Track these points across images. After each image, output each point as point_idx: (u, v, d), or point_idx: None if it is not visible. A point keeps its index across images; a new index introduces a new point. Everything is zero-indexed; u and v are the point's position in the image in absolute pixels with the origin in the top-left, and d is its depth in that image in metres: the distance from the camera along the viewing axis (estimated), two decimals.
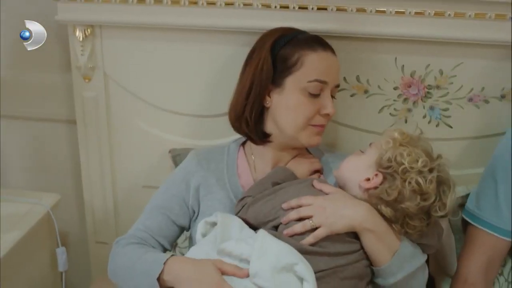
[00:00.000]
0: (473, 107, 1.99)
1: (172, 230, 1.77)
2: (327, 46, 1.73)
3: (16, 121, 2.35)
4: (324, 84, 1.68)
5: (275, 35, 1.74)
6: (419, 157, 1.54)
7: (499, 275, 1.85)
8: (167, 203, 1.78)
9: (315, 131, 1.71)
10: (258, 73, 1.71)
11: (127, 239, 1.73)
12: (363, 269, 1.57)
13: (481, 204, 1.79)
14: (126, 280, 1.64)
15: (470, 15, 1.84)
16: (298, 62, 1.68)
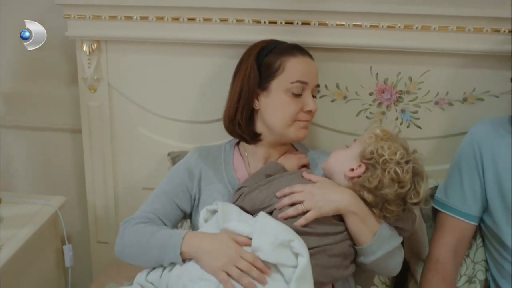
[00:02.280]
0: (439, 109, 2.18)
1: (176, 213, 1.92)
2: (305, 52, 1.94)
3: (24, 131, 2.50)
4: (305, 84, 1.88)
5: (258, 46, 1.94)
6: (398, 150, 1.71)
7: (466, 257, 2.02)
8: (172, 189, 1.94)
9: (301, 125, 1.90)
10: (246, 80, 1.90)
11: (136, 219, 1.87)
12: (348, 248, 1.74)
13: (449, 193, 1.98)
14: (138, 255, 1.79)
15: (435, 28, 2.05)
16: (280, 67, 1.88)
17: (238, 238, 1.66)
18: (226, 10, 2.12)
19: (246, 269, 1.61)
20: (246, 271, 1.61)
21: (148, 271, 1.77)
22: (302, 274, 1.59)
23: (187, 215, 1.98)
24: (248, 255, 1.63)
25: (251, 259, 1.62)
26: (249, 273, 1.60)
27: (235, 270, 1.61)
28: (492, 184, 1.92)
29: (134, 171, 2.40)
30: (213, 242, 1.69)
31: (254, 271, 1.60)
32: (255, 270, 1.61)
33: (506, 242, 1.89)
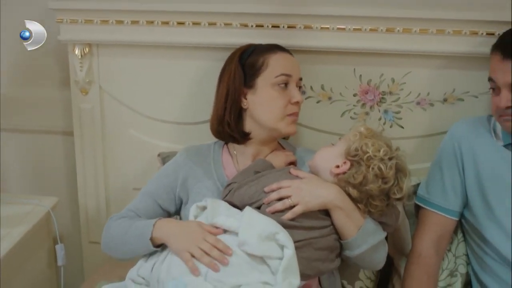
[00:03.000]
0: (420, 109, 2.25)
1: (158, 213, 2.00)
2: (285, 49, 2.02)
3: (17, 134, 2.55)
4: (289, 77, 1.96)
5: (240, 50, 2.02)
6: (381, 147, 1.77)
7: (447, 251, 2.09)
8: (157, 190, 2.02)
9: (291, 120, 1.97)
10: (232, 81, 1.97)
11: (119, 215, 1.99)
12: (333, 242, 1.80)
13: (430, 190, 2.06)
14: (120, 247, 1.91)
15: (416, 31, 2.13)
16: (264, 64, 1.96)
17: (205, 225, 1.76)
18: (215, 14, 2.19)
19: (208, 249, 1.69)
20: (208, 251, 1.69)
21: (139, 266, 1.83)
22: (288, 265, 1.64)
23: (172, 214, 2.05)
24: (211, 237, 1.72)
25: (213, 241, 1.71)
26: (210, 253, 1.68)
27: (198, 250, 1.70)
28: (472, 181, 1.99)
29: (125, 172, 2.45)
30: (181, 227, 1.82)
31: (214, 252, 1.69)
32: (216, 251, 1.69)
33: (486, 236, 1.96)
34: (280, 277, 1.63)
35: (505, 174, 1.94)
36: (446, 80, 2.22)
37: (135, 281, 1.81)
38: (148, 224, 1.84)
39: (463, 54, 2.15)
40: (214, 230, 1.75)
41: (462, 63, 2.18)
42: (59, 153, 2.58)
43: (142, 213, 1.99)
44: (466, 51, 2.14)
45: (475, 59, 2.13)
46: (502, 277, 1.94)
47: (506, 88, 1.84)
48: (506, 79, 1.83)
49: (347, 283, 2.13)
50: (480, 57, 2.07)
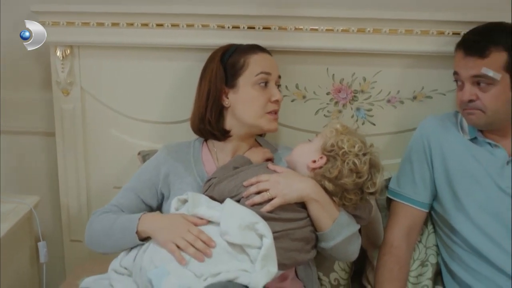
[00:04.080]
0: (391, 107, 2.34)
1: (141, 208, 2.05)
2: (265, 50, 2.10)
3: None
4: (268, 75, 2.03)
5: (221, 50, 2.09)
6: (356, 143, 1.85)
7: (418, 242, 2.17)
8: (139, 185, 2.07)
9: (271, 118, 2.04)
10: (213, 81, 2.04)
11: (102, 210, 2.03)
12: (309, 233, 1.87)
13: (401, 183, 2.15)
14: (104, 241, 1.95)
15: (385, 31, 2.21)
16: (245, 64, 2.03)
17: (189, 217, 1.82)
18: (192, 16, 2.26)
19: (192, 240, 1.74)
20: (192, 242, 1.74)
21: (122, 257, 1.88)
22: (266, 254, 1.70)
23: (154, 209, 2.09)
24: (194, 229, 1.78)
25: (197, 232, 1.77)
26: (194, 244, 1.74)
27: (183, 241, 1.75)
28: (440, 173, 2.09)
29: (106, 171, 2.50)
30: (165, 219, 1.88)
31: (198, 243, 1.74)
32: (200, 242, 1.74)
33: (454, 226, 2.05)
34: (259, 265, 1.69)
35: (471, 166, 2.04)
36: (415, 78, 2.31)
37: (118, 272, 1.86)
38: (133, 218, 1.90)
39: (431, 53, 2.24)
40: (198, 221, 1.81)
41: (430, 62, 2.27)
42: (41, 153, 2.61)
43: (125, 208, 2.03)
44: (433, 51, 2.23)
45: (442, 58, 2.21)
46: (470, 265, 2.03)
47: (468, 82, 1.96)
48: (468, 74, 1.95)
49: (323, 274, 2.19)
50: (447, 56, 2.14)
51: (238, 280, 1.68)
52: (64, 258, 2.63)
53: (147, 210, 2.06)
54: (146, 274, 1.75)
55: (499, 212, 1.99)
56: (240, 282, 1.67)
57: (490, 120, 1.98)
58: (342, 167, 1.83)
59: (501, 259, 1.97)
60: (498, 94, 1.94)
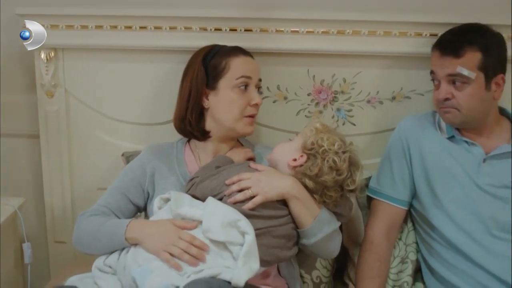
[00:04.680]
0: (371, 107, 2.38)
1: (129, 207, 2.07)
2: (247, 52, 2.12)
3: None
4: (249, 79, 2.06)
5: (204, 50, 2.12)
6: (336, 141, 1.88)
7: (398, 240, 2.21)
8: (125, 185, 2.09)
9: (248, 121, 2.07)
10: (195, 81, 2.07)
11: (90, 212, 2.03)
12: (291, 230, 1.90)
13: (381, 182, 2.19)
14: (92, 243, 1.94)
15: (364, 33, 2.25)
16: (226, 67, 2.06)
17: (178, 223, 1.83)
18: (175, 18, 2.29)
19: (185, 247, 1.75)
20: (186, 249, 1.75)
21: (107, 256, 1.90)
22: (248, 250, 1.72)
23: (141, 208, 2.11)
24: (186, 235, 1.78)
25: (189, 238, 1.77)
26: (188, 251, 1.75)
27: (176, 249, 1.76)
28: (419, 171, 2.13)
29: (90, 172, 2.51)
30: (154, 227, 1.86)
31: (192, 249, 1.75)
32: (194, 248, 1.75)
33: (433, 223, 2.10)
34: (241, 261, 1.71)
35: (449, 164, 2.09)
36: (394, 79, 2.35)
37: (102, 270, 1.88)
38: (121, 224, 1.90)
39: (409, 54, 2.29)
40: (188, 225, 1.82)
41: (409, 63, 2.31)
42: (25, 155, 2.62)
43: (114, 208, 2.04)
44: (411, 52, 2.28)
45: (420, 59, 2.25)
46: (449, 260, 2.07)
47: (444, 81, 2.02)
48: (444, 73, 2.02)
49: (305, 272, 2.22)
50: (425, 57, 2.17)
51: (220, 276, 1.70)
52: (49, 260, 2.64)
53: (134, 210, 2.09)
54: (130, 273, 1.77)
55: (476, 208, 2.04)
56: (223, 278, 1.70)
57: (466, 118, 2.04)
58: (322, 165, 1.87)
59: (478, 254, 2.01)
60: (473, 93, 2.00)
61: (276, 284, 1.99)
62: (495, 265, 1.99)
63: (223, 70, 2.06)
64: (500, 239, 2.02)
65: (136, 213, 2.13)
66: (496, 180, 2.04)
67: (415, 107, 2.34)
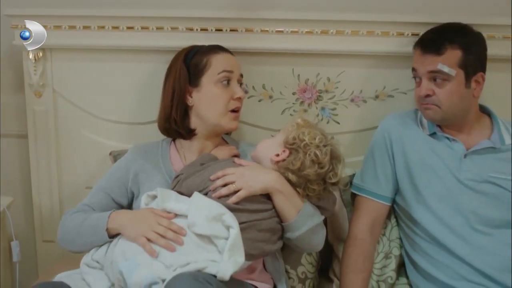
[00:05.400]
0: (354, 106, 2.41)
1: (112, 206, 2.09)
2: (226, 50, 2.16)
3: None
4: (230, 73, 2.10)
5: (184, 51, 2.16)
6: (317, 135, 1.92)
7: (382, 235, 2.25)
8: (109, 184, 2.12)
9: (232, 116, 2.10)
10: (178, 80, 2.10)
11: (74, 210, 2.06)
12: (275, 224, 1.93)
13: (364, 178, 2.23)
14: (76, 239, 1.98)
15: (348, 33, 2.30)
16: (207, 64, 2.09)
17: (157, 211, 1.86)
18: (162, 19, 2.33)
19: (162, 232, 1.79)
20: (162, 234, 1.79)
21: (94, 252, 1.92)
22: (233, 243, 1.75)
23: (125, 207, 2.13)
24: (164, 220, 1.83)
25: (167, 223, 1.82)
26: (165, 235, 1.79)
27: (153, 234, 1.80)
28: (401, 167, 2.17)
29: (77, 171, 2.53)
30: (134, 215, 1.92)
31: (169, 233, 1.79)
32: (170, 232, 1.79)
33: (416, 218, 2.14)
34: (226, 255, 1.74)
35: (430, 160, 2.13)
36: (377, 78, 2.39)
37: (90, 265, 1.90)
38: (103, 216, 1.93)
39: (392, 53, 2.33)
40: (166, 215, 1.85)
41: (391, 62, 2.35)
42: (14, 155, 2.63)
43: (97, 207, 2.07)
44: (394, 51, 2.32)
45: (402, 58, 2.28)
46: (431, 254, 2.11)
47: (425, 78, 2.07)
48: (425, 70, 2.06)
49: (290, 267, 2.25)
50: (407, 56, 2.21)
51: (206, 270, 1.73)
52: (37, 258, 2.65)
53: (117, 209, 2.09)
54: (117, 267, 1.79)
55: (457, 203, 2.08)
56: (209, 272, 1.72)
57: (446, 115, 2.08)
58: (304, 159, 1.90)
59: (460, 248, 2.06)
60: (453, 90, 2.05)
61: (262, 279, 2.02)
62: (477, 259, 2.03)
63: (204, 67, 2.10)
64: (481, 233, 2.06)
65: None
66: (477, 175, 2.08)
67: (398, 106, 2.37)
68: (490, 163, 2.10)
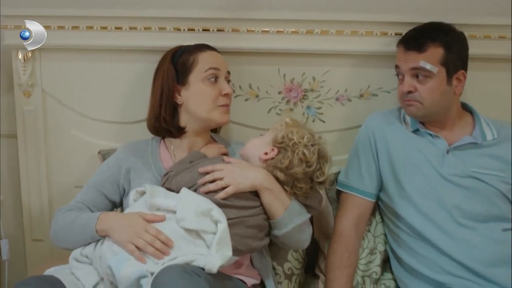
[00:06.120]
0: (339, 105, 2.45)
1: (105, 203, 2.12)
2: (212, 48, 2.20)
3: None
4: (217, 70, 2.13)
5: (171, 51, 2.19)
6: (305, 135, 1.96)
7: (367, 232, 2.28)
8: (101, 182, 2.14)
9: (223, 110, 2.13)
10: (166, 79, 2.13)
11: (67, 208, 2.08)
12: (262, 221, 1.96)
13: (349, 175, 2.26)
14: (66, 237, 2.00)
15: (332, 32, 2.33)
16: (194, 62, 2.13)
17: (147, 216, 1.88)
18: (150, 19, 2.35)
19: (150, 240, 1.81)
20: (150, 242, 1.80)
21: (83, 247, 1.94)
22: (221, 237, 1.78)
23: (117, 204, 2.16)
24: (152, 229, 1.83)
25: (155, 232, 1.82)
26: (153, 244, 1.80)
27: (141, 241, 1.81)
28: (385, 164, 2.22)
29: (66, 171, 2.54)
30: (122, 219, 1.92)
31: (157, 243, 1.80)
32: (158, 242, 1.81)
33: (399, 213, 2.18)
34: (214, 249, 1.76)
35: (413, 156, 2.18)
36: (361, 77, 2.43)
37: (79, 260, 1.92)
38: (92, 217, 1.95)
39: (376, 53, 2.37)
40: (157, 218, 1.87)
41: (375, 61, 2.39)
42: (3, 154, 2.63)
43: (90, 204, 2.09)
44: (378, 50, 2.36)
45: (386, 57, 2.33)
46: (415, 249, 2.15)
47: (408, 75, 2.12)
48: (408, 67, 2.11)
49: (277, 264, 2.27)
50: (390, 56, 2.26)
51: (194, 263, 1.75)
52: (26, 257, 2.66)
53: (110, 206, 2.14)
54: (106, 261, 1.81)
55: (441, 198, 2.12)
56: (197, 265, 1.74)
57: (428, 111, 2.13)
58: (292, 157, 1.94)
59: (443, 242, 2.10)
60: (435, 87, 2.10)
61: (249, 274, 2.05)
62: (460, 252, 2.07)
63: (191, 65, 2.13)
64: (465, 227, 2.10)
65: (112, 209, 2.17)
66: (459, 170, 2.13)
67: (382, 104, 2.41)
68: (472, 158, 2.15)
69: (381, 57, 2.37)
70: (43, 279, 1.84)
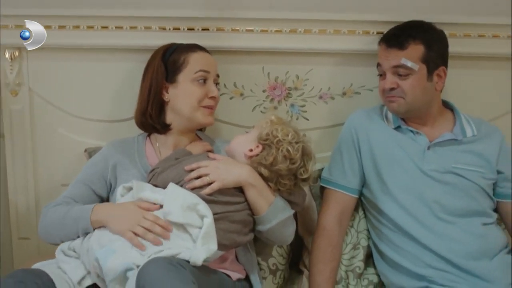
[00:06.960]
0: (323, 103, 2.48)
1: (93, 198, 2.13)
2: (204, 49, 2.22)
3: None
4: (207, 73, 2.16)
5: (163, 48, 2.21)
6: (290, 132, 1.99)
7: (350, 227, 2.32)
8: (89, 176, 2.16)
9: (207, 112, 2.16)
10: (155, 76, 2.16)
11: (55, 203, 2.10)
12: (247, 216, 1.99)
13: (332, 172, 2.30)
14: (57, 231, 2.01)
15: (315, 31, 2.37)
16: (185, 62, 2.15)
17: (142, 204, 1.92)
18: (136, 18, 2.37)
19: (150, 227, 1.84)
20: (150, 228, 1.84)
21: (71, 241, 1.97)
22: (207, 231, 1.82)
23: (104, 199, 2.17)
24: (150, 215, 1.87)
25: (153, 218, 1.86)
26: (152, 230, 1.84)
27: (140, 229, 1.84)
28: (367, 160, 2.25)
29: (53, 169, 2.56)
30: (118, 208, 1.96)
31: (156, 228, 1.84)
32: (158, 227, 1.84)
33: (382, 208, 2.22)
34: (200, 242, 1.80)
35: (395, 152, 2.22)
36: (344, 75, 2.46)
37: (66, 253, 1.95)
38: (86, 208, 1.97)
39: (358, 51, 2.40)
40: (152, 206, 1.91)
41: (358, 60, 2.43)
42: None
43: (78, 199, 2.10)
44: (360, 49, 2.40)
45: (368, 56, 2.36)
46: (397, 244, 2.19)
47: (390, 72, 2.16)
48: (390, 64, 2.16)
49: (262, 259, 2.31)
50: (372, 54, 2.29)
51: (180, 256, 1.78)
52: (13, 255, 2.67)
53: (98, 201, 2.14)
54: (93, 254, 1.83)
55: (421, 193, 2.16)
56: (182, 257, 1.77)
57: (410, 107, 2.17)
58: (276, 154, 1.97)
59: (425, 236, 2.13)
60: (416, 83, 2.14)
61: (234, 268, 2.08)
62: (441, 246, 2.11)
63: (182, 64, 2.15)
64: (445, 222, 2.14)
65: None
66: (440, 166, 2.17)
67: (364, 102, 2.44)
68: (452, 154, 2.19)
69: (363, 55, 2.40)
70: (30, 272, 1.85)
